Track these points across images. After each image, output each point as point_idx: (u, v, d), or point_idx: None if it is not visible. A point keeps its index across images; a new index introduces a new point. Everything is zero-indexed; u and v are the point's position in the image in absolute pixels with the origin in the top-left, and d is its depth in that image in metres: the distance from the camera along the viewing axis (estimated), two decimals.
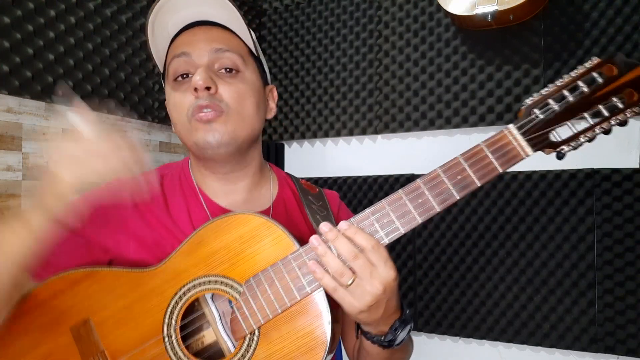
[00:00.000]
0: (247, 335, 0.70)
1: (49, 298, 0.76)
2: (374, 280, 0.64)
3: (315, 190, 0.95)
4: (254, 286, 0.70)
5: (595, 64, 0.63)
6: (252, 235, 0.72)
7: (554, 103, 0.63)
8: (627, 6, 1.68)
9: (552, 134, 0.63)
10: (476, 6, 1.72)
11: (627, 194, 1.66)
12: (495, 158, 0.64)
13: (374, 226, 0.67)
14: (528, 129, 0.64)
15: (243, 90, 0.81)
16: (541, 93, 0.65)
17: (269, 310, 0.69)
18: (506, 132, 0.64)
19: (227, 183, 0.88)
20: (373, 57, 2.13)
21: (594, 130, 0.63)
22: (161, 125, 2.01)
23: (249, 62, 0.85)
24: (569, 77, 0.64)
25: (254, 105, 0.83)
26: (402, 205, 0.66)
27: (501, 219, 1.84)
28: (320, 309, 0.69)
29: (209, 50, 0.80)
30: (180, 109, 0.81)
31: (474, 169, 0.65)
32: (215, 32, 0.82)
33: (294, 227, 0.89)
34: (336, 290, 0.65)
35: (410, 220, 0.66)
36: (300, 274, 0.68)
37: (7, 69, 1.40)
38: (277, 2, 2.37)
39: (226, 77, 0.81)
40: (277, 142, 2.36)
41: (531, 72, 1.82)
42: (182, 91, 0.81)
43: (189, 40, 0.81)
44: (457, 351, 1.96)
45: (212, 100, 0.78)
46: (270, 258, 0.70)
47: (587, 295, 1.70)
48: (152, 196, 0.86)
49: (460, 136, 1.97)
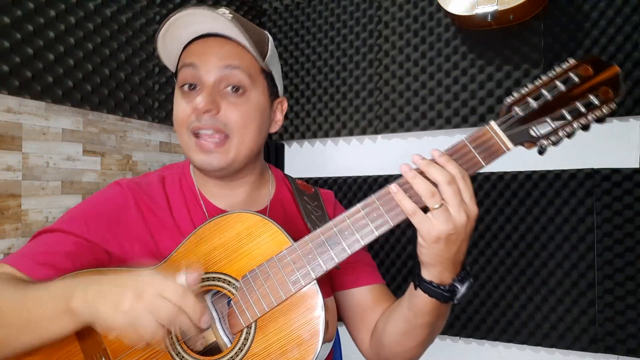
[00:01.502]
0: (244, 328, 0.72)
1: None
2: (461, 208, 0.64)
3: (311, 190, 0.96)
4: (250, 281, 0.72)
5: (572, 65, 0.67)
6: (248, 232, 0.74)
7: (532, 101, 0.67)
8: (627, 6, 1.68)
9: (532, 130, 0.67)
10: (476, 6, 1.72)
11: (627, 194, 1.66)
12: (478, 152, 0.68)
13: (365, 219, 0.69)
14: (508, 125, 0.67)
15: (247, 113, 0.82)
16: (521, 92, 0.68)
17: (265, 303, 0.71)
18: (488, 128, 0.68)
19: (226, 188, 0.89)
20: (373, 57, 2.13)
21: (572, 125, 0.66)
22: (161, 125, 2.01)
23: (258, 81, 0.84)
24: (546, 77, 0.67)
25: (256, 128, 0.84)
26: (390, 200, 0.68)
27: (501, 219, 1.84)
28: (314, 301, 0.70)
29: (218, 67, 0.80)
30: (182, 120, 0.82)
31: (459, 162, 0.68)
32: (228, 47, 0.82)
33: (291, 225, 0.90)
34: (415, 213, 0.65)
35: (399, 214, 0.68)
36: (295, 268, 0.71)
37: (7, 69, 1.40)
38: (277, 2, 2.37)
39: (231, 97, 0.81)
40: (277, 142, 2.36)
41: (531, 72, 1.82)
42: (186, 103, 0.82)
43: (201, 51, 0.81)
44: (457, 351, 1.96)
45: (213, 123, 0.79)
46: (266, 254, 0.72)
47: (587, 295, 1.70)
48: (155, 199, 0.86)
49: (460, 136, 1.96)
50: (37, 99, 1.52)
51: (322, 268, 0.70)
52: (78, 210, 0.85)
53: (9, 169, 1.47)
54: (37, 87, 1.49)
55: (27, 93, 1.47)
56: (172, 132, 2.11)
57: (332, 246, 0.70)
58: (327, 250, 0.70)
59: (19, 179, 1.50)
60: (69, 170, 1.66)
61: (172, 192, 0.89)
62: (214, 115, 0.79)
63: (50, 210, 1.58)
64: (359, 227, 0.69)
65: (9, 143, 1.47)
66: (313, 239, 0.71)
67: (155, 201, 0.86)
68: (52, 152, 1.60)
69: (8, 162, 1.47)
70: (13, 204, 1.48)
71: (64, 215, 0.85)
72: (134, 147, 1.91)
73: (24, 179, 1.51)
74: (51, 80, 1.53)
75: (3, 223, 1.45)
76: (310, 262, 0.70)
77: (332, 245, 0.70)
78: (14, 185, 1.48)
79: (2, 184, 1.45)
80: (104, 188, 0.90)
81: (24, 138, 1.51)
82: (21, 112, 1.50)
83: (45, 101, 1.55)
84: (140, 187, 0.87)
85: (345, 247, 0.70)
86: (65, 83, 1.58)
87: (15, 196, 1.49)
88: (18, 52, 1.43)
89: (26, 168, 1.52)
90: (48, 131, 1.58)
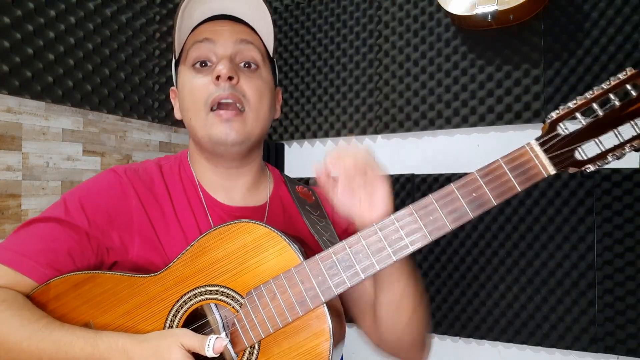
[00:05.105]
0: (247, 348, 0.69)
1: (52, 300, 0.75)
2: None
3: (312, 199, 0.94)
4: (255, 299, 0.68)
5: (630, 75, 0.57)
6: (255, 245, 0.70)
7: (581, 117, 0.58)
8: (627, 6, 1.68)
9: (578, 152, 0.57)
10: (476, 6, 1.72)
11: (627, 194, 1.66)
12: (515, 176, 0.60)
13: (382, 242, 0.65)
14: (551, 145, 0.58)
15: (262, 87, 0.82)
16: (568, 106, 0.59)
17: (270, 325, 0.67)
18: (527, 148, 0.59)
19: (229, 179, 0.87)
20: (373, 57, 2.13)
21: (623, 148, 0.57)
22: (161, 125, 2.01)
23: (267, 61, 0.86)
24: (599, 88, 0.58)
25: (269, 104, 0.84)
26: (412, 222, 0.63)
27: (501, 219, 1.84)
28: (323, 325, 0.66)
29: (234, 41, 0.81)
30: (197, 96, 0.79)
31: (490, 186, 0.61)
32: (239, 27, 0.83)
33: (292, 225, 0.89)
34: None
35: (421, 238, 0.63)
36: (303, 289, 0.66)
37: (7, 69, 1.40)
38: (277, 2, 2.37)
39: (246, 72, 0.82)
40: (277, 142, 2.36)
41: (531, 72, 1.82)
42: (202, 77, 0.80)
43: (213, 29, 0.82)
44: (457, 351, 1.96)
45: (233, 91, 0.78)
46: (273, 270, 0.68)
47: (587, 295, 1.70)
48: (154, 189, 0.83)
49: (460, 136, 1.97)
50: (37, 99, 1.52)
51: (332, 292, 0.65)
52: (73, 198, 0.80)
53: (9, 169, 1.47)
54: (37, 87, 1.49)
55: (27, 93, 1.47)
56: (172, 132, 2.11)
57: (344, 269, 0.65)
58: (339, 273, 0.65)
59: (19, 179, 1.50)
60: (69, 170, 1.66)
61: (172, 182, 0.85)
62: (235, 84, 0.78)
63: None
64: (375, 251, 0.64)
65: (9, 143, 1.47)
66: (324, 259, 0.66)
67: (155, 191, 0.83)
68: (52, 152, 1.60)
69: (8, 162, 1.47)
70: (13, 204, 1.48)
71: (57, 203, 0.80)
72: (134, 147, 1.91)
73: (24, 179, 1.51)
74: (51, 80, 1.53)
75: (3, 223, 1.45)
76: (321, 285, 0.66)
77: (345, 268, 0.65)
78: (14, 185, 1.48)
79: (2, 184, 1.45)
80: (99, 175, 0.85)
81: (24, 138, 1.51)
82: (21, 112, 1.50)
83: (45, 101, 1.55)
84: (139, 175, 0.83)
85: (359, 271, 0.65)
86: (65, 83, 1.58)
87: (15, 196, 1.49)
88: (18, 52, 1.43)
89: (26, 168, 1.51)
90: (48, 131, 1.58)
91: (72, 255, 0.76)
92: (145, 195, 0.82)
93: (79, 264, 0.77)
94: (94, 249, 0.78)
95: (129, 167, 0.85)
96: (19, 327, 0.68)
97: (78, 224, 0.77)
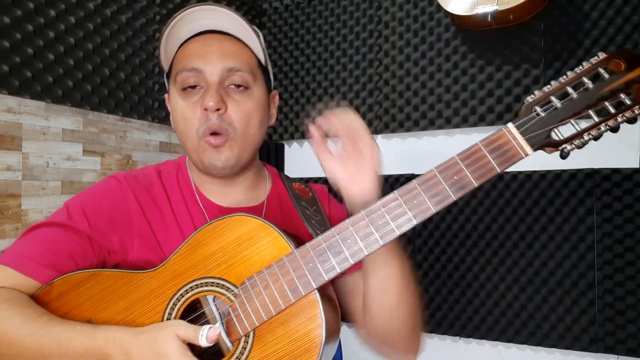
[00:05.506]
0: (242, 337, 0.70)
1: (55, 299, 0.77)
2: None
3: (308, 195, 0.96)
4: (248, 288, 0.70)
5: (601, 59, 0.60)
6: (248, 237, 0.72)
7: (556, 100, 0.61)
8: (627, 6, 1.68)
9: (554, 132, 0.61)
10: (476, 6, 1.72)
11: (627, 194, 1.66)
12: (493, 157, 0.63)
13: (369, 227, 0.67)
14: (527, 128, 0.61)
15: (250, 109, 0.83)
16: (543, 90, 0.62)
17: (264, 313, 0.69)
18: (505, 131, 0.63)
19: (225, 186, 0.89)
20: (373, 57, 2.13)
21: (599, 128, 0.60)
22: (161, 125, 2.01)
23: (258, 76, 0.86)
24: (573, 73, 0.61)
25: (259, 123, 0.85)
26: (397, 206, 0.66)
27: (501, 219, 1.84)
28: (315, 311, 0.68)
29: (221, 68, 0.81)
30: (189, 124, 0.82)
31: (471, 168, 0.63)
32: (227, 45, 0.82)
33: (290, 222, 0.91)
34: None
35: (406, 222, 0.66)
36: (295, 277, 0.68)
37: (7, 69, 1.40)
38: (277, 2, 2.37)
39: (235, 94, 0.82)
40: (277, 142, 2.36)
41: (531, 72, 1.82)
42: (192, 104, 0.81)
43: (201, 52, 0.81)
44: (457, 351, 1.96)
45: (221, 122, 0.80)
46: (266, 260, 0.70)
47: (587, 295, 1.70)
48: (153, 193, 0.86)
49: (460, 136, 1.97)
50: (37, 99, 1.52)
51: (323, 277, 0.67)
52: (75, 204, 0.83)
53: (9, 169, 1.47)
54: (37, 87, 1.49)
55: (27, 93, 1.47)
56: (172, 132, 2.11)
57: (334, 255, 0.67)
58: (329, 259, 0.67)
59: (19, 179, 1.49)
60: (69, 170, 1.66)
61: (170, 186, 0.88)
62: (222, 114, 0.80)
63: (50, 210, 1.58)
64: (363, 236, 0.67)
65: (9, 143, 1.47)
66: (314, 247, 0.68)
67: (153, 195, 0.85)
68: (52, 152, 1.59)
69: (8, 162, 1.47)
70: (13, 204, 1.48)
71: (60, 210, 0.83)
72: (134, 147, 1.91)
73: (24, 179, 1.51)
74: (51, 80, 1.53)
75: (3, 223, 1.45)
76: (312, 272, 0.68)
77: (334, 254, 0.67)
78: (14, 185, 1.48)
79: (2, 184, 1.45)
80: (100, 182, 0.88)
81: (24, 138, 1.51)
82: (21, 112, 1.50)
83: (45, 101, 1.55)
84: (138, 180, 0.86)
85: (347, 256, 0.67)
86: (65, 83, 1.58)
87: (15, 196, 1.49)
88: (18, 52, 1.43)
89: (26, 168, 1.51)
90: (48, 131, 1.58)
91: (74, 257, 0.79)
92: (144, 199, 0.84)
93: (81, 266, 0.79)
94: (95, 251, 0.81)
95: (128, 173, 0.88)
96: (20, 324, 0.70)
97: (80, 227, 0.80)
